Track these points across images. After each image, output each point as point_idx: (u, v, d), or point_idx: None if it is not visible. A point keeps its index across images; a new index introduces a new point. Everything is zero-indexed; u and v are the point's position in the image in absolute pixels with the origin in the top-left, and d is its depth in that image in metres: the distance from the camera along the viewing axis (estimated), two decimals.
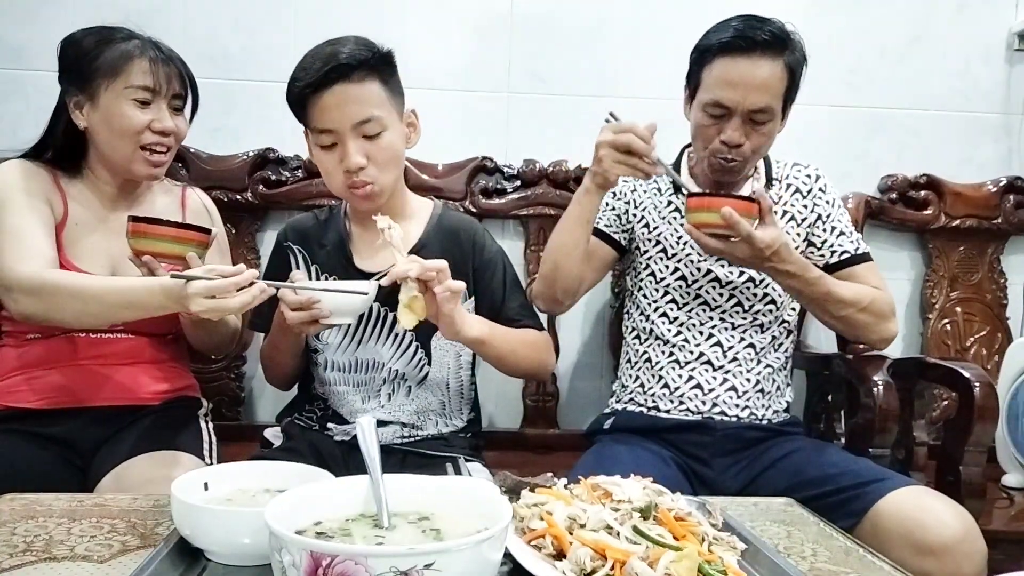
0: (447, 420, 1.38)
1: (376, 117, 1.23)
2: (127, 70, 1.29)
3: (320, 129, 1.23)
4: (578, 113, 1.88)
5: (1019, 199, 1.95)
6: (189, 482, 0.84)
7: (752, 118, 1.32)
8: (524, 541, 0.78)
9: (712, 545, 0.80)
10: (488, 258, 1.38)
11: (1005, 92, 1.98)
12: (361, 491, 0.76)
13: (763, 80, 1.30)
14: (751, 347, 1.44)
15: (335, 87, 1.20)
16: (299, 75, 1.23)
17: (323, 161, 1.27)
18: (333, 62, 1.20)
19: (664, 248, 1.47)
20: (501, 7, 1.87)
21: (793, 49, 1.33)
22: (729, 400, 1.41)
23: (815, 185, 1.47)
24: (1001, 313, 1.96)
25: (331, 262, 1.35)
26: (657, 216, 1.48)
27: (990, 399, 1.37)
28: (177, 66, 1.34)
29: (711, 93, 1.34)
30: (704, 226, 1.25)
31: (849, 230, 1.45)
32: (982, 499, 1.38)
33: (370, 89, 1.23)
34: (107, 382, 1.33)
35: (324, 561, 0.58)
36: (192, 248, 1.21)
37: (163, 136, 1.33)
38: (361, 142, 1.23)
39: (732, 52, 1.31)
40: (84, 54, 1.31)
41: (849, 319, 1.37)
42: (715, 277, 1.43)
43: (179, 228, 1.24)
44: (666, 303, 1.47)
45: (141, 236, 1.21)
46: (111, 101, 1.30)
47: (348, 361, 1.34)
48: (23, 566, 0.78)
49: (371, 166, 1.24)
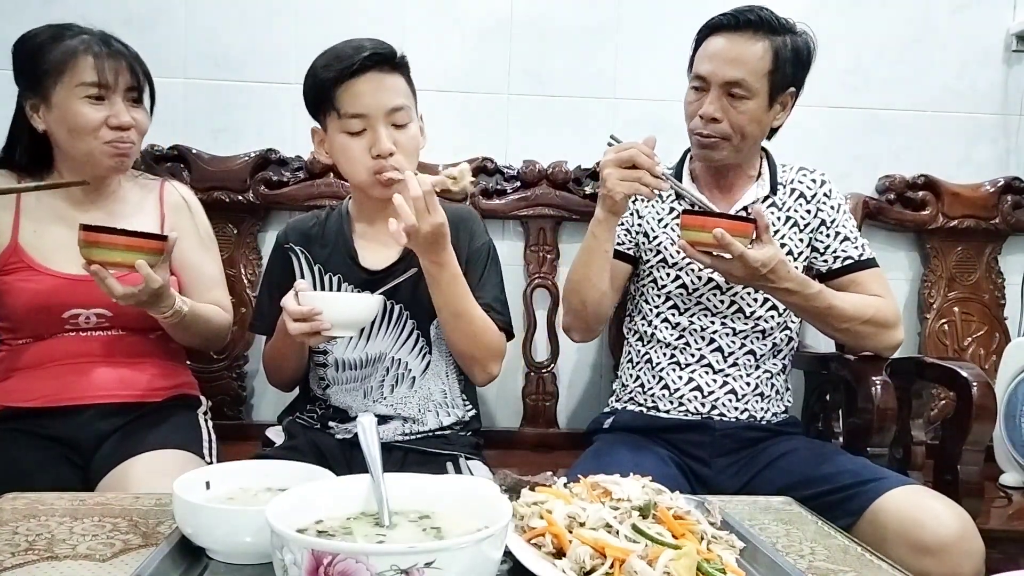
0: (448, 411, 1.38)
1: (406, 107, 1.27)
2: (73, 67, 1.27)
3: (352, 114, 1.25)
4: (578, 114, 1.89)
5: (1017, 199, 1.95)
6: (191, 481, 0.84)
7: (729, 92, 1.34)
8: (524, 539, 0.78)
9: (711, 543, 0.80)
10: (478, 247, 1.38)
11: (1003, 93, 1.98)
12: (362, 490, 0.76)
13: (738, 53, 1.34)
14: (751, 353, 1.44)
15: (370, 73, 1.24)
16: (331, 62, 1.25)
17: (349, 147, 1.27)
18: (367, 51, 1.24)
19: (664, 258, 1.47)
20: (501, 9, 1.88)
21: (783, 35, 1.35)
22: (728, 402, 1.41)
23: (820, 190, 1.47)
24: (999, 313, 1.96)
25: (335, 261, 1.35)
26: (657, 225, 1.49)
27: (988, 399, 1.37)
28: (127, 59, 1.31)
29: (696, 68, 1.39)
30: (697, 244, 1.26)
31: (854, 235, 1.46)
32: (980, 498, 1.38)
33: (400, 82, 1.28)
34: (103, 379, 1.33)
35: (325, 559, 0.58)
36: (143, 255, 1.17)
37: (122, 131, 1.30)
38: (391, 130, 1.26)
39: (718, 30, 1.37)
40: (32, 54, 1.29)
41: (852, 331, 1.38)
42: (716, 285, 1.44)
43: (130, 236, 1.18)
44: (668, 308, 1.47)
45: (92, 245, 1.17)
46: (63, 100, 1.28)
47: (357, 358, 1.35)
48: (25, 565, 0.78)
49: (399, 154, 1.26)
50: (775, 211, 1.45)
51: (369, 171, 1.26)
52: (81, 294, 1.31)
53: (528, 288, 1.86)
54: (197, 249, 1.42)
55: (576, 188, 1.86)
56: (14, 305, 1.32)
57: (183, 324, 1.30)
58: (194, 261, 1.43)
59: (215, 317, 1.41)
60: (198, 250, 1.42)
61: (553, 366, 1.87)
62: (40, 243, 1.32)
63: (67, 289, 1.31)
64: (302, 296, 1.16)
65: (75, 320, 1.33)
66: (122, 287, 1.19)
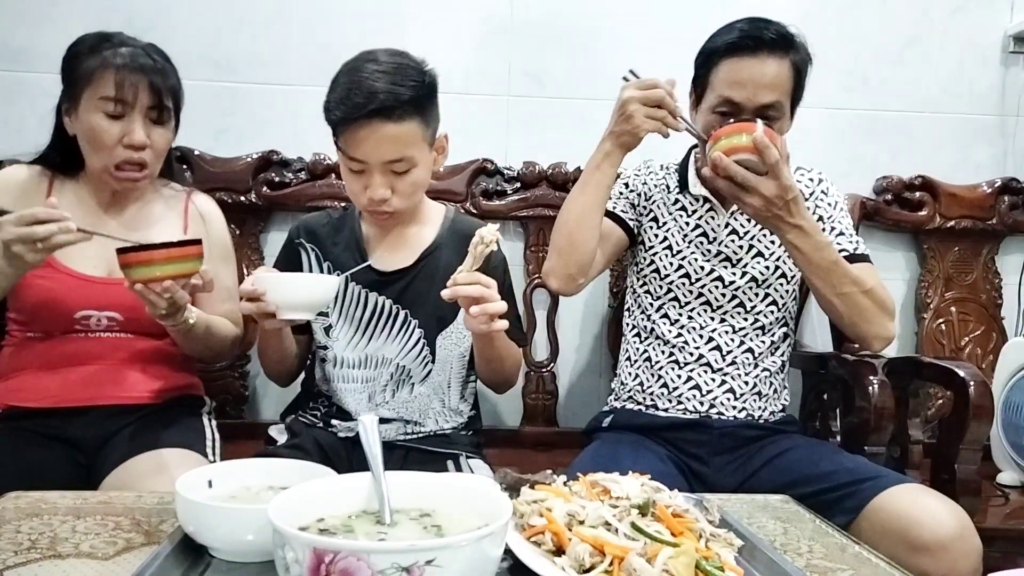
0: (447, 417, 1.39)
1: (407, 157, 1.23)
2: (98, 80, 1.27)
3: (350, 156, 1.23)
4: (577, 116, 1.89)
5: (1014, 200, 1.96)
6: (193, 479, 0.85)
7: (762, 115, 1.31)
8: (524, 537, 0.79)
9: (709, 541, 0.80)
10: (495, 265, 1.38)
11: (1000, 94, 1.99)
12: (364, 488, 0.76)
13: (772, 78, 1.31)
14: (750, 351, 1.44)
15: (373, 122, 1.19)
16: (342, 100, 1.20)
17: (349, 180, 1.28)
18: (375, 103, 1.17)
19: (670, 244, 1.46)
20: (501, 11, 1.89)
21: (798, 49, 1.34)
22: (727, 401, 1.42)
23: (817, 188, 1.47)
24: (996, 313, 1.97)
25: (344, 260, 1.36)
26: (666, 212, 1.48)
27: (985, 398, 1.38)
28: (152, 76, 1.29)
29: (720, 93, 1.33)
30: (733, 151, 1.23)
31: (849, 231, 1.45)
32: (977, 497, 1.39)
33: (407, 128, 1.21)
34: (110, 381, 1.33)
35: (327, 557, 0.59)
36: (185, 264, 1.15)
37: (136, 151, 1.29)
38: (389, 176, 1.24)
39: (739, 52, 1.32)
40: (71, 60, 1.30)
41: (851, 298, 1.33)
42: (718, 276, 1.44)
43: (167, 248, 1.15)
44: (669, 300, 1.47)
45: (132, 266, 1.13)
46: (85, 112, 1.29)
47: (357, 357, 1.35)
48: (28, 563, 0.79)
49: (395, 197, 1.26)
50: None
51: (365, 208, 1.29)
52: (95, 296, 1.32)
53: (528, 288, 1.87)
54: (216, 261, 1.42)
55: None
56: (27, 300, 1.32)
57: (191, 335, 1.30)
58: (211, 273, 1.43)
59: (223, 329, 1.40)
60: (217, 262, 1.42)
61: (553, 365, 1.88)
62: None
63: (81, 290, 1.32)
64: (253, 277, 1.16)
65: (86, 321, 1.33)
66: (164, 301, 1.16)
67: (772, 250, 1.44)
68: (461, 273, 1.11)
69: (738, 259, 1.44)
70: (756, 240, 1.45)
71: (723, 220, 1.45)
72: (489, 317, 1.12)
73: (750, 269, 1.43)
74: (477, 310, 1.10)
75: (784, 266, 1.44)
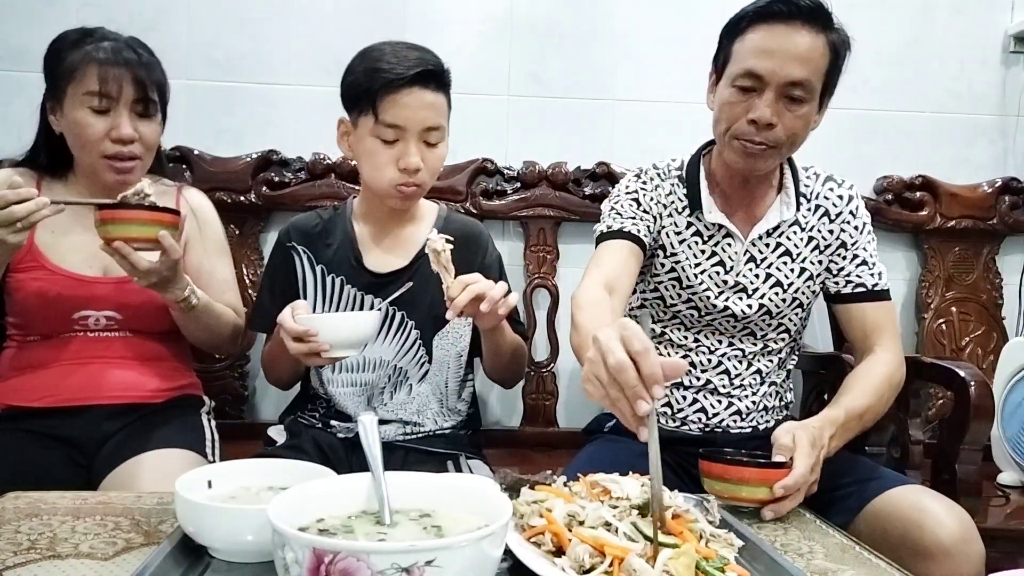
0: (446, 416, 1.40)
1: (441, 127, 1.28)
2: (82, 75, 1.26)
3: (389, 124, 1.24)
4: (578, 115, 1.89)
5: (1014, 200, 1.96)
6: (193, 480, 0.85)
7: (788, 94, 1.17)
8: (524, 538, 0.79)
9: (710, 542, 0.80)
10: (489, 262, 1.40)
11: (1000, 94, 1.99)
12: (363, 489, 0.76)
13: (805, 50, 1.15)
14: (758, 372, 1.37)
15: (416, 88, 1.23)
16: (380, 68, 1.23)
17: (377, 153, 1.27)
18: (423, 66, 1.23)
19: (679, 277, 1.33)
20: (501, 11, 1.88)
21: (837, 30, 1.20)
22: (733, 423, 1.37)
23: (846, 208, 1.33)
24: (996, 313, 1.97)
25: (338, 262, 1.35)
26: (676, 240, 1.33)
27: (985, 398, 1.38)
28: (136, 70, 1.28)
29: (743, 63, 1.18)
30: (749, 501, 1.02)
31: (872, 261, 1.33)
32: (978, 497, 1.39)
33: (442, 99, 1.28)
34: (109, 380, 1.33)
35: (327, 558, 0.59)
36: (161, 228, 1.16)
37: (124, 145, 1.29)
38: (422, 146, 1.26)
39: (770, 19, 1.16)
40: (54, 56, 1.29)
41: (877, 416, 1.25)
42: (731, 313, 1.32)
43: (147, 210, 1.17)
44: (674, 325, 1.37)
45: (109, 222, 1.15)
46: (70, 108, 1.28)
47: (355, 362, 1.35)
48: (27, 564, 0.79)
49: (424, 171, 1.27)
50: (798, 231, 1.32)
51: (392, 182, 1.27)
52: (92, 296, 1.32)
53: (528, 288, 1.87)
54: (210, 254, 1.42)
55: (576, 189, 1.86)
56: (25, 302, 1.32)
57: (195, 314, 1.30)
58: (206, 266, 1.44)
59: (226, 314, 1.40)
60: (211, 255, 1.41)
61: (553, 366, 1.88)
62: (56, 244, 1.33)
63: (79, 290, 1.32)
64: (299, 318, 1.14)
65: (84, 321, 1.34)
66: (147, 261, 1.17)
67: (791, 280, 1.32)
68: (450, 288, 1.12)
69: (754, 289, 1.32)
70: (775, 269, 1.32)
71: (741, 247, 1.31)
72: (497, 304, 1.13)
73: (766, 301, 1.32)
74: (486, 306, 1.11)
75: (802, 296, 1.34)
